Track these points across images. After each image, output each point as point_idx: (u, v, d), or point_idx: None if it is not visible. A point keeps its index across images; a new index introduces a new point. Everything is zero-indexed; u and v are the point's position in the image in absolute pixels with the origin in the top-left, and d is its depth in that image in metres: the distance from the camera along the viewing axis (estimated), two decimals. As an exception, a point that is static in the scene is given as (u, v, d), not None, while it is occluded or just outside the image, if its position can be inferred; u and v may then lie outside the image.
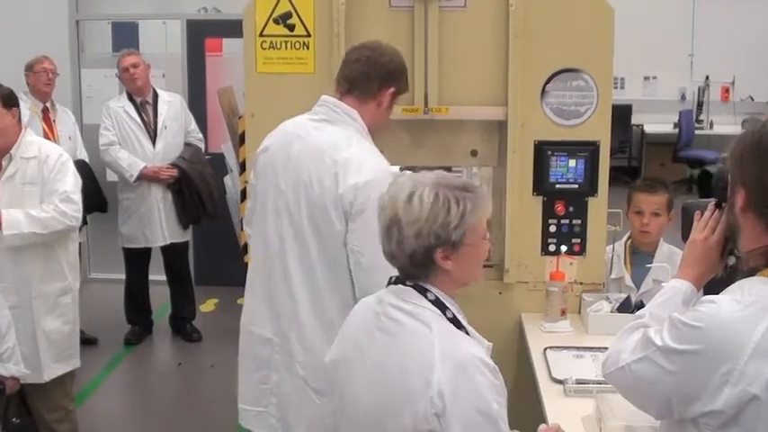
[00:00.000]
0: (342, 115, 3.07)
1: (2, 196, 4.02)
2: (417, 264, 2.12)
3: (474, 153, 3.96)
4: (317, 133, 3.07)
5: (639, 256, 4.07)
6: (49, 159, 4.10)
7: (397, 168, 3.05)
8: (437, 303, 2.12)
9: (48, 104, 6.28)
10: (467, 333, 2.15)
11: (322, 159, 3.00)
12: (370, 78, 3.07)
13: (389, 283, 2.22)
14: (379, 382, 2.12)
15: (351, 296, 3.00)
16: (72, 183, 4.15)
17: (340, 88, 3.12)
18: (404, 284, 2.16)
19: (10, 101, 4.08)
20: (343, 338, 2.31)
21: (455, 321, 2.13)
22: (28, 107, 6.09)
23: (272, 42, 3.85)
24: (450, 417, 1.99)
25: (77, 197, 4.16)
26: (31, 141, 4.16)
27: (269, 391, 3.21)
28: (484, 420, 2.02)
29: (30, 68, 6.22)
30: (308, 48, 3.82)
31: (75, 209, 4.13)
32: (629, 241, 4.12)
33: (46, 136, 6.03)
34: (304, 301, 3.08)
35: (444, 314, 2.11)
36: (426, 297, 2.13)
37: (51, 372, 4.18)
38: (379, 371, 2.12)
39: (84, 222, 6.46)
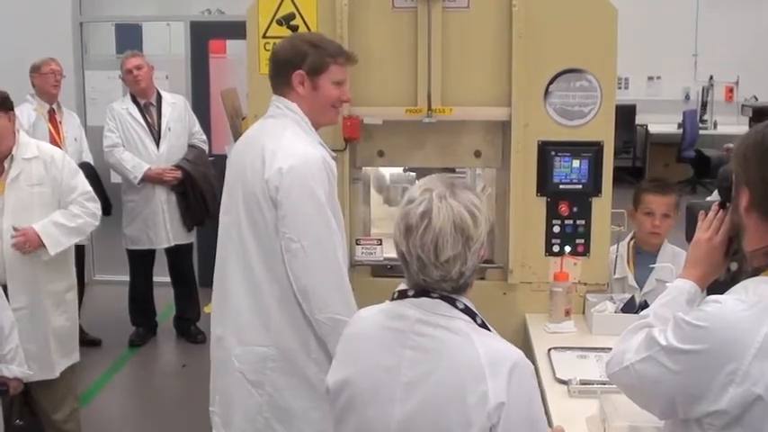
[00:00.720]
0: (282, 109, 3.14)
1: (8, 198, 4.04)
2: (476, 271, 2.07)
3: (477, 154, 3.95)
4: (259, 127, 3.20)
5: (642, 257, 4.06)
6: (56, 159, 4.16)
7: (322, 155, 3.08)
8: (467, 311, 2.06)
9: (54, 106, 6.28)
10: None
11: (255, 150, 3.08)
12: (274, 75, 3.17)
13: (401, 297, 2.12)
14: (423, 403, 2.02)
15: (289, 288, 3.03)
16: (86, 180, 4.32)
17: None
18: (428, 297, 2.07)
19: (5, 104, 4.08)
20: (352, 358, 2.19)
21: (484, 326, 2.08)
22: (34, 108, 6.11)
23: (275, 44, 3.85)
24: (505, 426, 1.95)
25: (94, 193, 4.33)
26: (28, 142, 4.21)
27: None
28: (533, 423, 2.02)
29: (36, 70, 6.21)
30: (311, 49, 3.81)
31: (98, 206, 4.35)
32: (633, 241, 4.11)
33: (52, 137, 6.06)
34: (241, 293, 3.14)
35: (475, 321, 2.06)
36: (456, 307, 2.06)
37: (59, 367, 4.23)
38: (422, 391, 2.02)
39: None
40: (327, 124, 3.32)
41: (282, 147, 3.03)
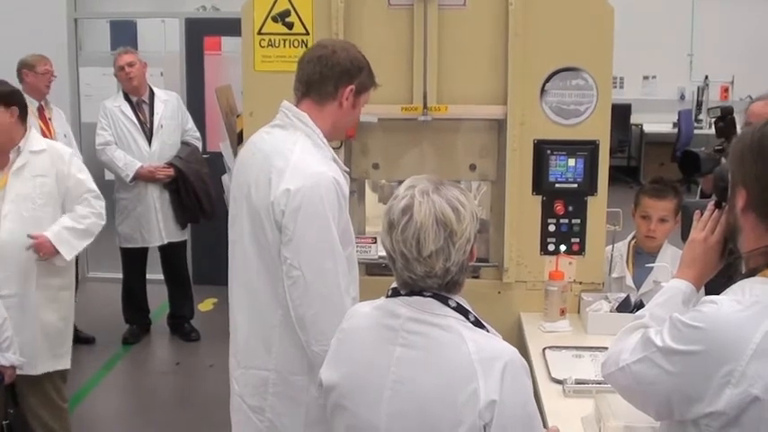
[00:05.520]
0: (292, 119, 2.92)
1: (11, 187, 4.06)
2: (464, 269, 2.05)
3: (473, 167, 3.94)
4: (268, 138, 2.97)
5: (642, 257, 4.04)
6: (63, 155, 4.20)
7: (333, 174, 2.85)
8: (459, 309, 2.06)
9: (42, 103, 6.24)
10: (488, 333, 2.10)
11: (262, 166, 2.87)
12: (325, 79, 2.90)
13: (395, 294, 2.11)
14: (412, 401, 2.02)
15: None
16: (91, 178, 4.34)
17: (296, 92, 2.98)
18: (421, 295, 2.06)
19: (7, 100, 4.06)
20: (345, 358, 2.19)
21: (478, 324, 2.07)
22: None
23: (270, 40, 3.85)
24: (498, 425, 1.94)
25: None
26: (39, 137, 4.26)
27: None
28: (529, 421, 2.01)
29: (31, 68, 6.15)
30: (306, 46, 3.79)
31: (103, 205, 4.35)
32: (633, 241, 4.09)
33: (43, 134, 6.03)
34: (242, 313, 3.02)
35: (468, 318, 2.06)
36: (448, 305, 2.05)
37: (43, 366, 4.19)
38: (410, 389, 2.02)
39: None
40: (336, 140, 3.17)
41: (291, 165, 2.80)
